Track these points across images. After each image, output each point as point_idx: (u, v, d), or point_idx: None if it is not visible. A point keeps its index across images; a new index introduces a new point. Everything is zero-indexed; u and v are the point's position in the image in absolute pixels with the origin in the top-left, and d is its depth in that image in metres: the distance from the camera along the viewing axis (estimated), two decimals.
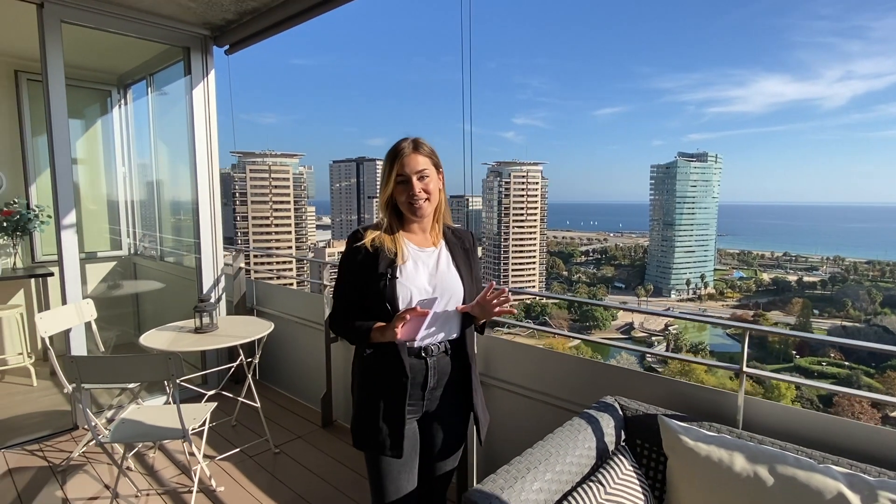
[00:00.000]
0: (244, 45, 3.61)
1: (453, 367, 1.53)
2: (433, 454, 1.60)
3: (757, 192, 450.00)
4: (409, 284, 1.44)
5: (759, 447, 1.43)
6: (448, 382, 1.54)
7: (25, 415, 3.54)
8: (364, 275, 1.45)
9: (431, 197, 1.49)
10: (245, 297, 4.08)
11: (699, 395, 1.81)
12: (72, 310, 3.00)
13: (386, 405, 1.45)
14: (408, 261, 1.47)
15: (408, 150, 1.46)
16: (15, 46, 4.14)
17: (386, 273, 1.43)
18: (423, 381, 1.49)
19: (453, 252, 1.55)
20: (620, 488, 1.45)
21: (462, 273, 1.53)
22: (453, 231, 1.61)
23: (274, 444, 3.05)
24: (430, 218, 1.54)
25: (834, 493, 1.26)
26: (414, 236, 1.53)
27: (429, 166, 1.48)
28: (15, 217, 4.21)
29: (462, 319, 1.54)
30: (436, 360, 1.49)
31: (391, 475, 1.49)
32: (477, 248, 1.66)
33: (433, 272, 1.50)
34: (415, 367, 1.46)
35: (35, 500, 2.52)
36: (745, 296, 60.79)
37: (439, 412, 1.55)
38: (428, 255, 1.52)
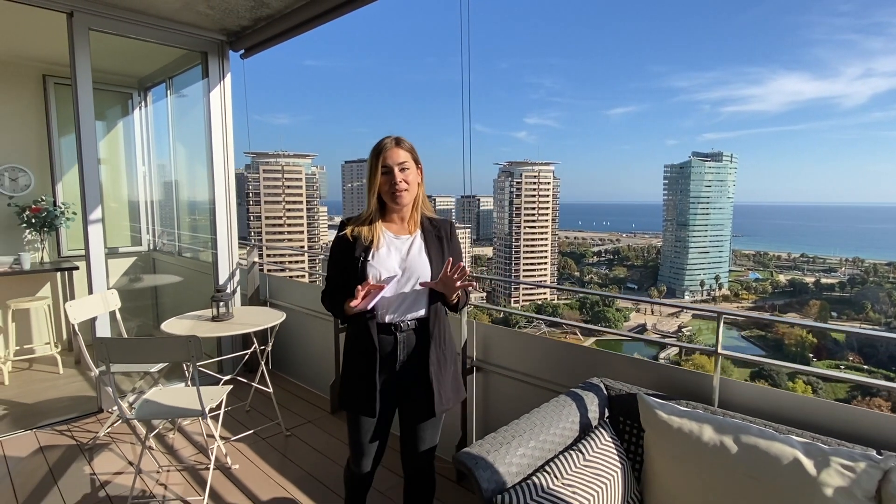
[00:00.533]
0: (259, 50, 3.80)
1: (420, 342, 1.70)
2: (409, 421, 1.77)
3: (774, 192, 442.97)
4: (380, 267, 1.64)
5: (725, 420, 1.55)
6: (416, 357, 1.70)
7: (54, 399, 3.76)
8: (344, 259, 1.67)
9: (410, 187, 1.67)
10: (258, 290, 4.27)
11: (679, 377, 1.94)
12: (98, 299, 3.20)
13: (360, 374, 1.67)
14: (381, 247, 1.66)
15: (390, 145, 1.66)
16: (43, 52, 4.38)
17: (359, 256, 1.64)
18: (392, 354, 1.68)
19: (427, 240, 1.73)
20: (598, 457, 1.58)
21: (432, 259, 1.70)
22: (431, 221, 1.77)
23: (285, 427, 3.22)
24: (409, 208, 1.72)
25: (790, 458, 1.38)
26: (392, 225, 1.73)
27: (409, 160, 1.67)
28: (43, 214, 4.46)
29: (429, 300, 1.70)
30: (405, 335, 1.68)
31: (365, 427, 1.72)
32: (454, 236, 1.81)
33: (405, 257, 1.68)
34: (384, 342, 1.66)
35: (65, 475, 2.72)
36: (761, 297, 59.94)
37: (409, 384, 1.72)
38: (402, 242, 1.71)
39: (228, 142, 4.00)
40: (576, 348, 2.33)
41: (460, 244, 1.81)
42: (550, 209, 61.82)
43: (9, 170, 4.58)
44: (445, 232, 1.78)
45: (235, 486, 2.61)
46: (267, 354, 3.28)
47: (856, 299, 55.04)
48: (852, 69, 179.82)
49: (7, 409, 3.57)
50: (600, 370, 2.14)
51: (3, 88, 4.51)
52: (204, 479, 2.65)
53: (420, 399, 1.71)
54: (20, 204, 4.45)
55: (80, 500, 2.49)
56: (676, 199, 65.16)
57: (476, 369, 2.68)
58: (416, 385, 1.71)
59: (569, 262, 68.27)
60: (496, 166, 64.80)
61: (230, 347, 4.03)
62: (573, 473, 1.48)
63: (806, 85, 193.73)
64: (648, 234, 78.38)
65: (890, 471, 1.30)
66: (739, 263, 69.17)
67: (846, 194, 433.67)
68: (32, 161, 4.70)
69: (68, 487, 2.59)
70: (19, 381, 4.14)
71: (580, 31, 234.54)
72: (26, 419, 3.39)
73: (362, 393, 1.67)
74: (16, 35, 3.95)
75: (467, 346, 2.66)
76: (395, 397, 1.74)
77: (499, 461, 1.44)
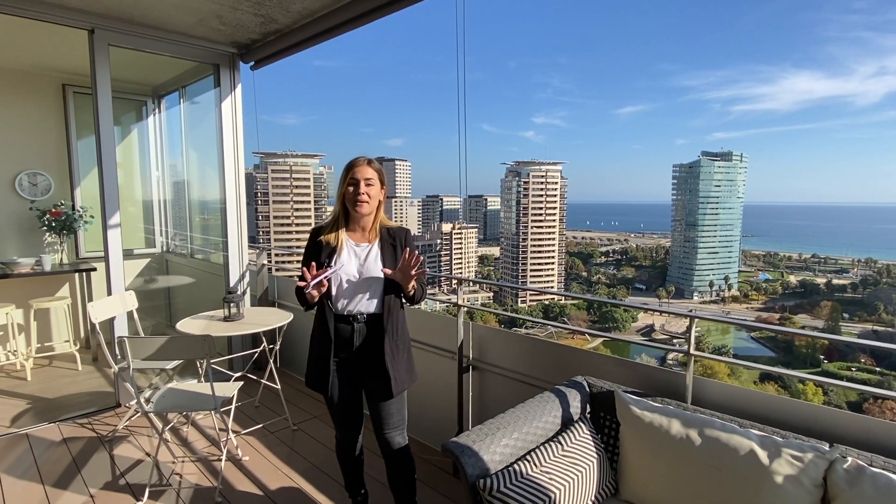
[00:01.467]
0: (269, 62, 3.97)
1: (374, 333, 1.97)
2: (374, 403, 2.03)
3: (784, 191, 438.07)
4: (340, 271, 1.94)
5: (692, 415, 1.69)
6: (371, 344, 1.97)
7: (74, 394, 3.97)
8: (312, 260, 1.93)
9: (371, 201, 1.96)
10: (267, 292, 4.45)
11: (656, 376, 2.07)
12: (117, 300, 3.39)
13: (319, 356, 1.99)
14: (343, 252, 1.96)
15: (362, 162, 1.96)
16: (63, 63, 4.60)
17: (324, 261, 1.94)
18: (348, 340, 1.96)
19: (383, 248, 2.01)
20: (576, 448, 1.73)
21: (386, 264, 1.98)
22: (389, 231, 2.05)
23: (292, 422, 3.40)
24: (370, 220, 2.01)
25: (747, 449, 1.52)
26: (353, 234, 2.02)
27: (375, 179, 1.96)
28: (62, 217, 4.67)
29: (382, 297, 1.96)
30: (361, 326, 1.97)
31: (335, 407, 2.06)
32: (409, 242, 2.07)
33: (363, 262, 1.97)
34: (342, 329, 1.97)
35: (88, 464, 2.91)
36: (771, 298, 59.44)
37: (367, 366, 1.99)
38: (362, 249, 2.00)
39: (239, 150, 4.18)
40: (565, 349, 2.47)
41: (416, 248, 2.02)
42: (558, 209, 61.72)
43: (30, 174, 4.80)
44: (400, 240, 2.05)
45: (246, 476, 2.79)
46: (275, 353, 3.45)
47: (868, 300, 54.40)
48: (865, 67, 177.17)
49: (31, 404, 3.78)
50: (587, 369, 2.28)
51: (25, 97, 4.74)
52: (216, 469, 2.83)
53: (379, 384, 1.98)
54: (41, 208, 4.67)
55: (102, 487, 2.67)
56: (685, 198, 64.76)
57: (472, 368, 2.83)
58: (375, 372, 1.97)
59: (576, 262, 68.11)
60: (503, 166, 64.85)
61: (240, 346, 4.22)
62: (551, 462, 1.63)
63: (818, 83, 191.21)
64: (657, 234, 77.91)
65: (835, 461, 1.43)
66: (749, 264, 68.58)
67: (859, 194, 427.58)
68: (52, 166, 4.91)
69: (91, 475, 2.78)
70: (41, 377, 4.35)
71: (589, 29, 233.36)
72: (49, 413, 3.60)
73: (318, 373, 1.99)
74: (39, 48, 4.16)
75: (464, 346, 2.82)
76: (353, 378, 2.02)
77: (483, 450, 1.59)
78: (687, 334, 2.01)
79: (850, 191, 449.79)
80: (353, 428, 2.12)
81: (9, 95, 4.65)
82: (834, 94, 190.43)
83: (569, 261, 66.59)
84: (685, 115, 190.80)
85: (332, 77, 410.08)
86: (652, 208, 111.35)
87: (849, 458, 1.43)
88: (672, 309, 28.09)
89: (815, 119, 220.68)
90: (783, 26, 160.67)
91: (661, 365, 15.59)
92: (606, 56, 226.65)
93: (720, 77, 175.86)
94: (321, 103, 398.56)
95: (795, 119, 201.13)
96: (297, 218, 56.86)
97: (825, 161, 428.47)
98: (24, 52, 4.28)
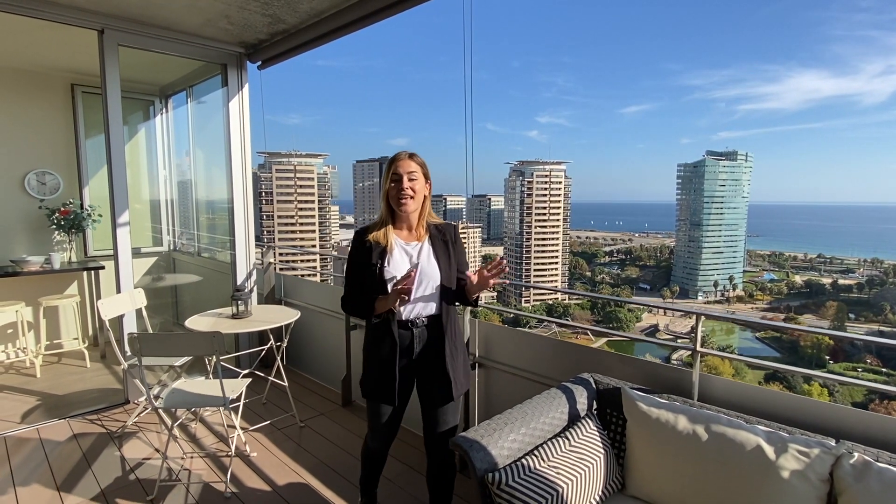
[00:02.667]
0: (276, 62, 4.00)
1: (434, 336, 1.89)
2: (431, 407, 1.95)
3: (790, 191, 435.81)
4: (394, 271, 1.83)
5: (699, 411, 1.70)
6: (431, 348, 1.90)
7: (83, 391, 4.01)
8: (362, 265, 1.87)
9: (416, 196, 1.86)
10: (274, 290, 4.48)
11: (662, 373, 2.09)
12: (126, 297, 3.43)
13: (382, 366, 1.88)
14: (394, 252, 1.86)
15: (403, 157, 1.87)
16: (72, 64, 4.64)
17: (377, 263, 1.84)
18: (409, 346, 1.88)
19: (434, 245, 1.91)
20: (582, 443, 1.74)
21: (440, 263, 1.89)
22: (437, 227, 1.96)
23: (300, 419, 3.42)
24: (416, 217, 1.92)
25: (753, 445, 1.53)
26: (401, 233, 1.92)
27: (418, 172, 1.86)
28: (71, 216, 4.72)
29: (440, 299, 1.89)
30: (420, 330, 1.88)
31: (384, 410, 1.94)
32: (459, 238, 1.99)
33: (415, 261, 1.87)
34: (403, 336, 1.87)
35: (98, 459, 2.95)
36: (776, 298, 59.14)
37: (426, 372, 1.92)
38: (412, 248, 1.90)
39: (246, 149, 4.21)
40: (570, 346, 2.48)
41: (464, 244, 1.98)
42: (562, 208, 61.61)
43: (39, 174, 4.84)
44: (450, 236, 1.96)
45: (254, 471, 2.81)
46: (282, 350, 3.48)
47: (874, 301, 54.05)
48: (872, 66, 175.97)
49: (40, 400, 3.82)
50: (592, 366, 2.29)
51: (35, 97, 4.78)
52: (225, 465, 2.86)
53: (439, 387, 1.91)
54: (50, 207, 4.72)
55: (112, 482, 2.71)
56: (690, 198, 64.51)
57: (479, 365, 2.85)
58: (434, 375, 1.91)
59: (580, 262, 67.98)
60: (507, 166, 64.77)
61: (248, 344, 4.25)
62: (558, 457, 1.64)
63: (824, 82, 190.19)
64: (661, 233, 77.61)
65: (841, 456, 1.44)
66: (754, 264, 68.23)
67: (865, 194, 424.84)
68: (61, 165, 4.96)
69: (101, 470, 2.82)
70: (50, 374, 4.40)
71: (593, 28, 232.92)
72: (59, 409, 3.64)
73: (383, 382, 1.87)
74: (49, 48, 4.20)
75: (470, 343, 2.83)
76: (411, 385, 1.95)
77: (491, 445, 1.61)
78: (693, 333, 2.02)
79: (856, 190, 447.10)
80: (391, 438, 2.04)
81: (19, 95, 4.69)
82: (840, 94, 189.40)
83: (572, 260, 66.45)
84: (690, 115, 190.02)
85: (337, 77, 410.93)
86: (656, 208, 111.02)
87: (855, 453, 1.44)
88: (678, 306, 28.02)
89: (821, 118, 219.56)
90: (789, 25, 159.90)
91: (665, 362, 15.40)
92: (611, 55, 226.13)
93: (725, 76, 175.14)
94: (325, 103, 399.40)
95: (801, 118, 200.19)
96: (302, 218, 56.97)
97: (831, 161, 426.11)
98: (35, 53, 4.32)
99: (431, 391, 1.94)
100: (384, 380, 1.87)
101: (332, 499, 2.57)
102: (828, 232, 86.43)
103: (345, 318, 3.67)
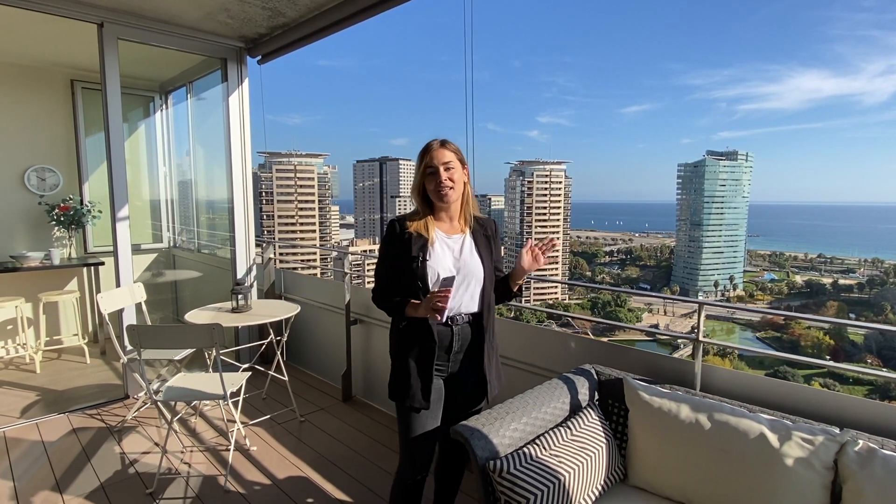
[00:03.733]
0: (276, 56, 3.99)
1: (473, 335, 1.77)
2: (456, 410, 1.83)
3: (791, 191, 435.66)
4: (436, 266, 1.69)
5: (702, 400, 1.69)
6: (469, 348, 1.77)
7: (83, 386, 4.00)
8: (399, 258, 1.71)
9: (456, 186, 1.72)
10: (274, 285, 4.47)
11: (665, 364, 2.07)
12: (126, 291, 3.42)
13: (417, 365, 1.72)
14: (435, 245, 1.72)
15: (436, 146, 1.73)
16: (73, 59, 4.63)
17: (418, 256, 1.69)
18: (448, 346, 1.74)
19: (477, 239, 1.80)
20: (584, 433, 1.73)
21: (483, 258, 1.78)
22: (477, 220, 1.84)
23: (299, 413, 3.41)
24: (458, 207, 1.79)
25: (756, 433, 1.52)
26: (442, 224, 1.78)
27: (454, 160, 1.73)
28: (71, 212, 4.71)
29: (481, 297, 1.77)
30: (460, 328, 1.74)
31: (419, 421, 1.75)
32: (498, 233, 1.90)
33: (458, 256, 1.75)
34: (442, 334, 1.72)
35: (97, 454, 2.94)
36: (777, 298, 59.11)
37: (461, 373, 1.79)
38: (454, 241, 1.76)
39: (246, 143, 4.20)
40: (572, 338, 2.47)
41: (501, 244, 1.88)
42: (562, 208, 61.61)
43: (38, 170, 4.83)
44: (491, 230, 1.87)
45: (254, 465, 2.80)
46: (282, 345, 3.47)
47: (875, 300, 54.03)
48: (874, 66, 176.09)
49: (40, 395, 3.81)
50: (594, 358, 2.28)
51: (34, 93, 4.77)
52: (225, 459, 2.85)
53: (472, 388, 1.80)
54: (50, 203, 4.71)
55: (112, 476, 2.69)
56: (690, 198, 64.51)
57: None
58: (469, 375, 1.78)
59: (581, 261, 67.96)
60: (507, 166, 64.74)
61: (247, 338, 4.24)
62: (560, 446, 1.63)
63: (825, 82, 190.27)
64: (662, 233, 77.60)
65: (846, 444, 1.43)
66: (755, 264, 68.20)
67: (866, 194, 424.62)
68: (61, 161, 4.95)
69: (100, 465, 2.80)
70: (50, 369, 4.39)
71: (594, 28, 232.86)
72: (58, 404, 3.63)
73: (418, 385, 1.70)
74: (48, 43, 4.19)
75: None
76: (444, 389, 1.79)
77: (493, 433, 1.60)
78: (696, 327, 2.01)
79: (856, 190, 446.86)
80: (429, 458, 1.81)
81: (18, 91, 4.68)
82: (841, 93, 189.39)
83: (573, 260, 66.44)
84: (691, 115, 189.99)
85: (337, 77, 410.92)
86: (656, 208, 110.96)
87: (860, 440, 1.43)
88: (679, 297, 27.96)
89: (822, 118, 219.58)
90: (790, 25, 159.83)
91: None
92: (612, 55, 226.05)
93: (726, 76, 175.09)
94: (326, 103, 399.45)
95: (802, 118, 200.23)
96: (302, 218, 56.96)
97: (832, 160, 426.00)
98: (34, 48, 4.31)
99: (464, 392, 1.82)
100: (420, 381, 1.71)
101: (332, 492, 2.56)
102: (828, 232, 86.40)
103: (345, 313, 3.66)
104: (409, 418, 1.75)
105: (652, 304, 55.02)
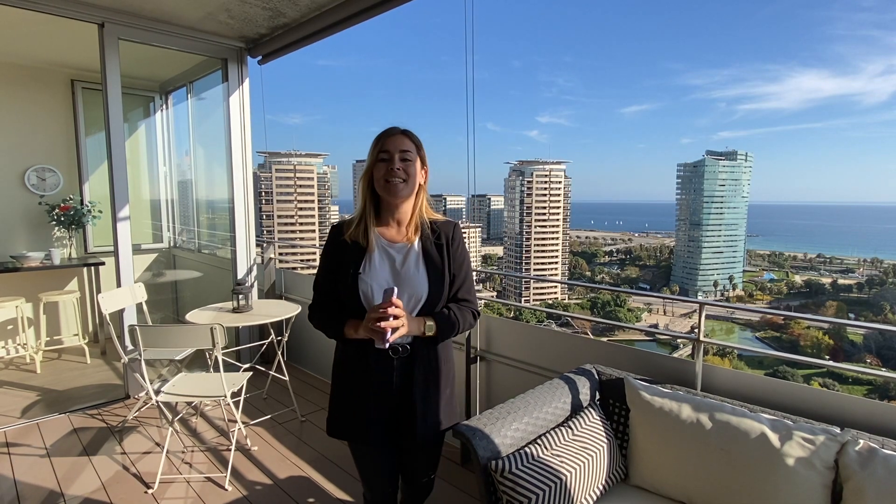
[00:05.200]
0: (276, 56, 3.99)
1: (418, 364, 1.49)
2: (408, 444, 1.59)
3: (790, 191, 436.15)
4: (371, 280, 1.45)
5: (703, 400, 1.70)
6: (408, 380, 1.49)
7: (83, 386, 4.00)
8: (336, 267, 1.49)
9: (409, 180, 1.46)
10: (274, 285, 4.47)
11: (665, 364, 2.08)
12: (127, 291, 3.42)
13: (355, 398, 1.49)
14: (374, 255, 1.47)
15: (395, 132, 1.48)
16: (73, 59, 4.63)
17: (351, 269, 1.46)
18: (388, 375, 1.48)
19: (426, 249, 1.51)
20: (585, 433, 1.73)
21: (430, 272, 1.49)
22: (434, 225, 1.55)
23: (300, 413, 3.42)
24: (408, 210, 1.52)
25: (758, 432, 1.52)
26: (387, 229, 1.52)
27: (414, 152, 1.48)
28: (71, 212, 4.71)
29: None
30: (400, 359, 1.48)
31: (369, 457, 1.57)
32: (460, 240, 1.58)
33: (399, 269, 1.48)
34: (381, 364, 1.47)
35: (98, 453, 2.94)
36: (776, 298, 59.15)
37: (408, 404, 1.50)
38: (397, 251, 1.50)
39: (247, 143, 4.21)
40: (572, 338, 2.47)
41: (465, 246, 1.59)
42: (562, 208, 61.65)
43: (38, 170, 4.83)
44: (447, 237, 1.54)
45: (255, 465, 2.81)
46: (283, 345, 3.47)
47: (874, 300, 54.08)
48: (874, 66, 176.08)
49: (41, 395, 3.81)
50: (594, 358, 2.28)
51: (35, 93, 4.77)
52: (226, 459, 2.85)
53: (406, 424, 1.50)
54: (50, 203, 4.71)
55: (113, 475, 2.70)
56: (690, 198, 64.55)
57: (480, 358, 2.84)
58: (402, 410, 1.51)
59: (580, 261, 67.99)
60: (507, 165, 64.78)
61: (248, 339, 4.24)
62: (561, 446, 1.64)
63: (825, 82, 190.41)
64: (661, 233, 77.61)
65: (847, 443, 1.43)
66: (754, 264, 68.24)
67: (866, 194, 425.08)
68: (61, 162, 4.95)
69: (102, 464, 2.81)
70: (50, 369, 4.39)
71: (594, 27, 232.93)
72: (59, 404, 3.63)
73: (357, 419, 1.49)
74: (48, 43, 4.19)
75: (471, 336, 2.82)
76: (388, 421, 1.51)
77: (494, 433, 1.60)
78: (697, 327, 2.01)
79: (856, 190, 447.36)
80: (392, 487, 1.63)
81: (18, 91, 4.68)
82: (841, 93, 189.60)
83: (572, 260, 66.46)
84: (690, 114, 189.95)
85: (337, 77, 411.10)
86: (656, 208, 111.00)
87: (861, 440, 1.43)
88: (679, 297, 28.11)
89: (822, 118, 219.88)
90: (790, 24, 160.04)
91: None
92: (612, 55, 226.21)
93: (726, 76, 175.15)
94: (326, 103, 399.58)
95: (802, 118, 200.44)
96: (301, 217, 56.95)
97: (831, 160, 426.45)
98: (34, 48, 4.31)
99: (399, 428, 1.51)
100: (357, 416, 1.49)
101: (332, 491, 2.57)
102: (827, 232, 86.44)
103: None
104: (359, 454, 1.59)
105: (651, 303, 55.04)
